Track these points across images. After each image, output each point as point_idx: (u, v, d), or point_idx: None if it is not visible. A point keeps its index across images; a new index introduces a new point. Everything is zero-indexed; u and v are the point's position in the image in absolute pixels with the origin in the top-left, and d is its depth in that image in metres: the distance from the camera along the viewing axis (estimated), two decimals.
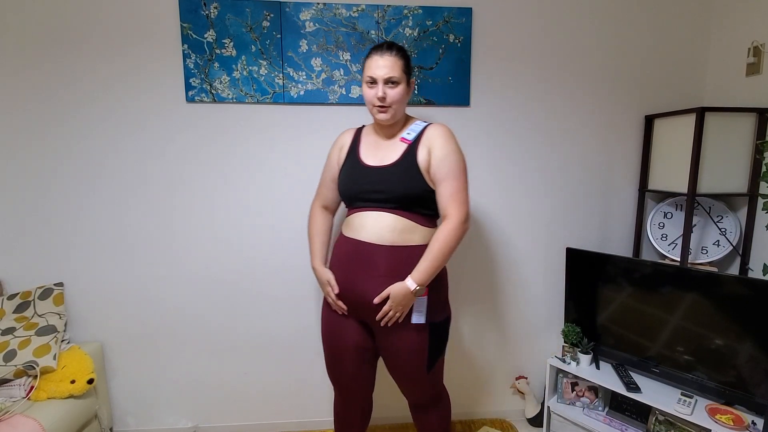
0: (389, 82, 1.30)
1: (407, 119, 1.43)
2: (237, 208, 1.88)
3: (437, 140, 1.32)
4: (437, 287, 1.36)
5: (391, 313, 1.29)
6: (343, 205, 1.54)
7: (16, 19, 1.70)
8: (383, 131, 1.41)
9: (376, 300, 1.29)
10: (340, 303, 1.39)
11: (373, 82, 1.30)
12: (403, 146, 1.35)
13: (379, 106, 1.31)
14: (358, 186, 1.35)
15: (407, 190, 1.30)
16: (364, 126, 1.51)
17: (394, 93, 1.30)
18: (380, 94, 1.29)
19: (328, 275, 1.40)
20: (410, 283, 1.26)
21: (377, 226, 1.31)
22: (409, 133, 1.37)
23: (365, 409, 1.59)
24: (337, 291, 1.38)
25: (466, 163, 1.35)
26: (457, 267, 2.01)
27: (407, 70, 1.34)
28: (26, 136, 1.76)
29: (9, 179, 1.78)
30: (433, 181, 1.32)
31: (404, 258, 1.30)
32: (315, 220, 1.55)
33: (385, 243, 1.30)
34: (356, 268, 1.34)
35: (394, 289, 1.27)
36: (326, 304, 1.48)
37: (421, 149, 1.33)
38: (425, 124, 1.39)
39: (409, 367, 1.38)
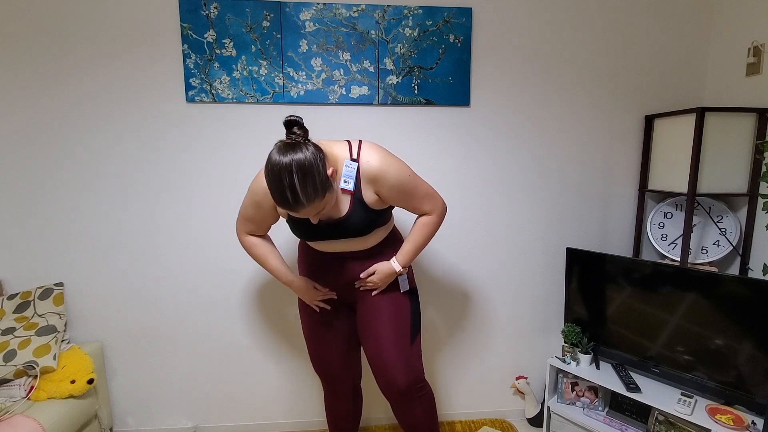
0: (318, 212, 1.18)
1: (337, 156, 1.29)
2: (237, 208, 1.88)
3: (379, 180, 1.26)
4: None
5: (371, 282, 1.40)
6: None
7: (16, 19, 1.69)
8: None
9: (363, 275, 1.39)
10: (332, 294, 1.45)
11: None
12: (347, 196, 1.28)
13: None
14: (314, 235, 1.33)
15: (366, 227, 1.33)
16: None
17: (325, 211, 1.19)
18: (315, 222, 1.20)
19: (310, 281, 1.43)
20: (395, 264, 1.38)
21: (346, 247, 1.37)
22: (347, 181, 1.26)
23: (356, 400, 1.61)
24: (327, 289, 1.44)
25: (408, 167, 1.32)
26: (457, 266, 2.01)
27: (326, 189, 1.13)
28: (26, 136, 1.76)
29: (9, 179, 1.78)
30: (393, 204, 1.36)
31: (378, 248, 1.42)
32: (253, 244, 1.42)
33: (359, 249, 1.40)
34: (334, 264, 1.40)
35: (380, 266, 1.38)
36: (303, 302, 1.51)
37: (365, 192, 1.28)
38: (355, 163, 1.26)
39: (394, 333, 1.40)
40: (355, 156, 1.27)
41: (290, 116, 1.15)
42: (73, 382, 1.61)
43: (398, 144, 1.89)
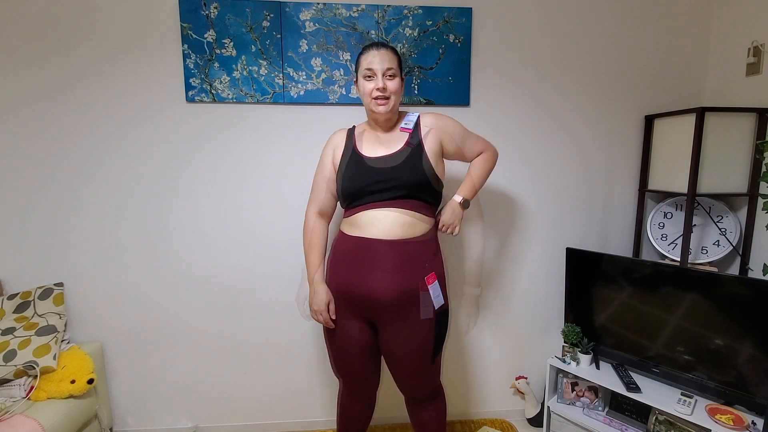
0: (388, 73, 1.33)
1: (399, 114, 1.47)
2: (237, 208, 1.88)
3: (438, 123, 1.42)
4: (441, 279, 1.41)
5: (449, 223, 1.41)
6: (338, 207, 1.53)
7: (18, 19, 1.70)
8: (380, 126, 1.42)
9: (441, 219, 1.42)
10: (330, 323, 1.43)
11: (371, 75, 1.33)
12: (405, 135, 1.40)
13: (379, 97, 1.33)
14: (363, 179, 1.34)
15: (416, 175, 1.33)
16: (354, 126, 1.50)
17: (392, 84, 1.34)
18: (380, 84, 1.32)
19: (329, 296, 1.41)
20: (457, 197, 1.43)
21: (386, 222, 1.33)
22: (407, 123, 1.42)
23: (370, 404, 1.60)
24: (334, 317, 1.41)
25: None
26: (457, 267, 2.01)
27: (401, 66, 1.39)
28: (27, 136, 1.76)
29: (9, 179, 1.78)
30: (455, 152, 1.45)
31: (410, 251, 1.34)
32: (311, 228, 1.49)
33: (393, 238, 1.33)
34: (363, 266, 1.34)
35: (445, 210, 1.43)
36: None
37: (426, 135, 1.39)
38: (416, 114, 1.45)
39: (414, 359, 1.39)
40: (416, 113, 1.46)
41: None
42: (73, 382, 1.61)
43: None
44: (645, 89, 1.95)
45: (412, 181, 1.33)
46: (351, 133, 1.48)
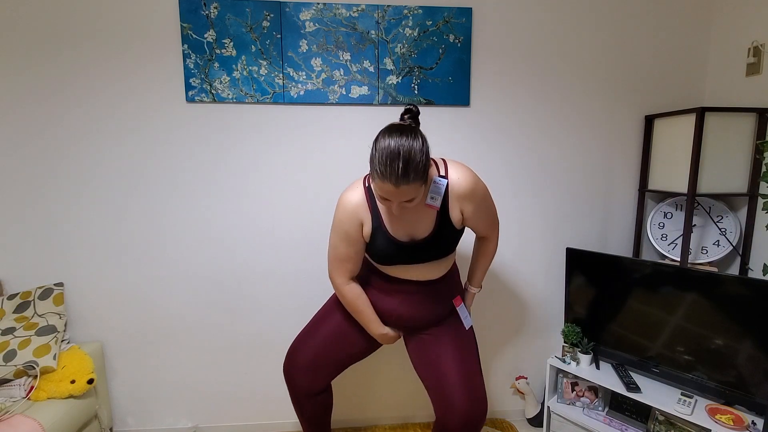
0: (406, 202, 1.17)
1: None
2: (236, 209, 1.88)
3: (467, 198, 1.28)
4: (465, 298, 1.56)
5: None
6: None
7: (18, 19, 1.70)
8: None
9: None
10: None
11: (387, 198, 1.16)
12: (432, 213, 1.28)
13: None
14: (398, 258, 1.33)
15: (448, 247, 1.35)
16: (369, 185, 1.32)
17: (412, 204, 1.18)
18: (396, 213, 1.19)
19: (396, 331, 1.48)
20: (473, 289, 1.57)
21: (423, 273, 1.38)
22: (434, 197, 1.25)
23: (324, 398, 1.58)
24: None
25: (488, 190, 1.37)
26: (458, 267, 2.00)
27: (426, 172, 1.14)
28: (26, 136, 1.76)
29: (9, 179, 1.78)
30: (468, 224, 1.36)
31: (440, 285, 1.43)
32: (351, 296, 1.40)
33: (426, 279, 1.40)
34: (395, 295, 1.41)
35: (468, 305, 1.56)
36: (336, 301, 1.55)
37: (452, 210, 1.28)
38: (444, 180, 1.26)
39: (465, 357, 1.41)
40: (443, 173, 1.27)
41: (408, 105, 1.28)
42: (73, 382, 1.61)
43: None
44: (645, 89, 1.95)
45: (446, 249, 1.35)
46: (370, 198, 1.30)
